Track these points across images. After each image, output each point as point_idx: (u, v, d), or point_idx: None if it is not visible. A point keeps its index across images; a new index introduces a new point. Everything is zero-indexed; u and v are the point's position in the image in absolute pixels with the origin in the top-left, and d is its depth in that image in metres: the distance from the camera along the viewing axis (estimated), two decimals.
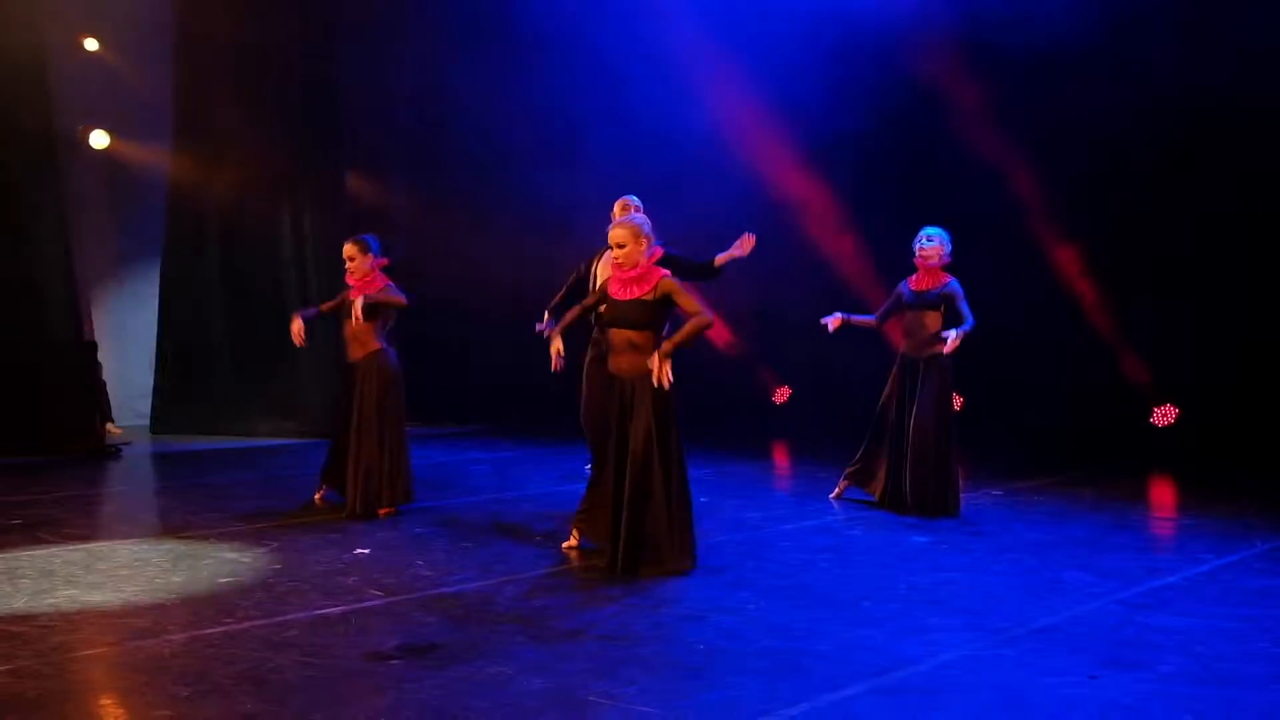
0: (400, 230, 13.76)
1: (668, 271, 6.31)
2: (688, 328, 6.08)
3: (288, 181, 12.34)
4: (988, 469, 9.64)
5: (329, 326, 7.96)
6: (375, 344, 7.87)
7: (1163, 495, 9.64)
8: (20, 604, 5.57)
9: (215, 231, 12.41)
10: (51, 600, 5.64)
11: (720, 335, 13.47)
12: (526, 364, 13.89)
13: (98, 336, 11.94)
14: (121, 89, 12.85)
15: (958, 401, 8.20)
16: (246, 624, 5.26)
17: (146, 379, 13.08)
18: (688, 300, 6.15)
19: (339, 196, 12.98)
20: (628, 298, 6.22)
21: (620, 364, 6.24)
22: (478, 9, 13.78)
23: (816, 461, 10.58)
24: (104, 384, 11.80)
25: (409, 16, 13.91)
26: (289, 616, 5.38)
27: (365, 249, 7.89)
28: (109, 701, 4.48)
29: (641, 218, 6.46)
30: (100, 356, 11.81)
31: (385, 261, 7.97)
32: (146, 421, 12.84)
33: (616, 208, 8.23)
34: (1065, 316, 11.69)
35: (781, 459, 11.73)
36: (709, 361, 12.39)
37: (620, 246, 6.26)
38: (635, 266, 6.24)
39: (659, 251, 6.59)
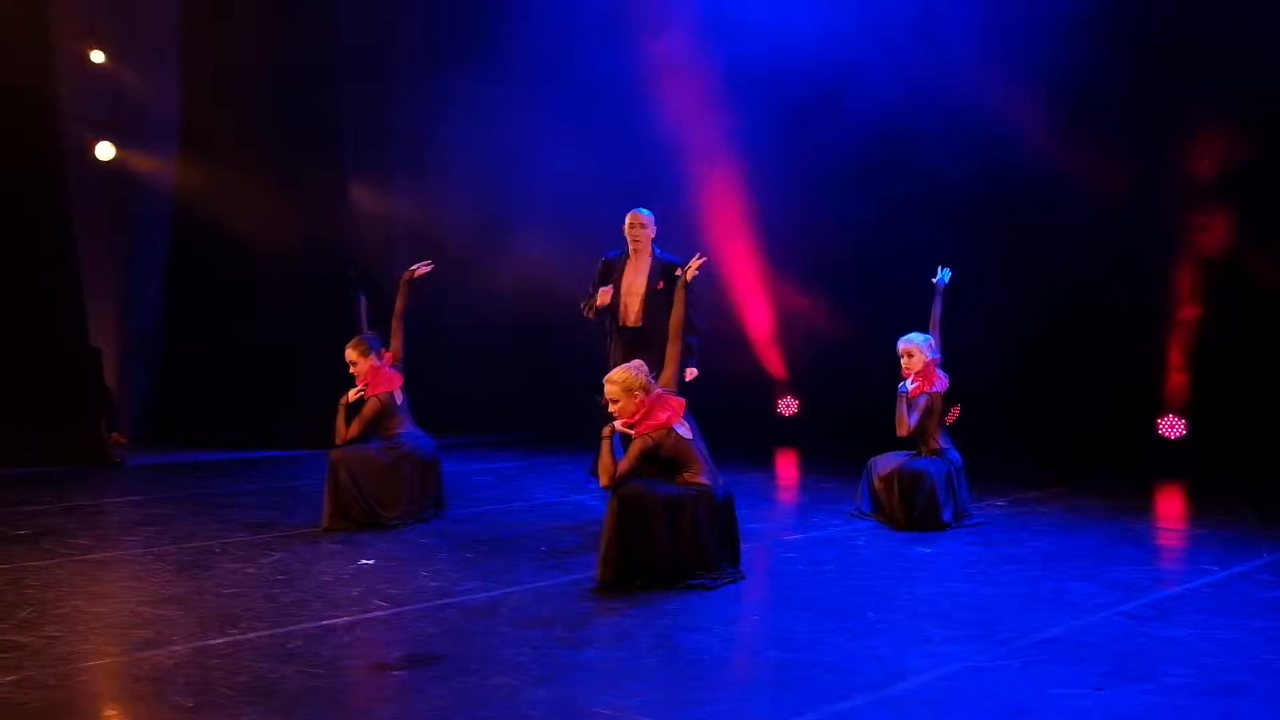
0: (402, 240, 13.80)
1: (661, 421, 6.16)
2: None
3: (292, 192, 12.35)
4: (992, 480, 9.62)
5: (331, 347, 8.06)
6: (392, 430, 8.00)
7: (1168, 506, 9.62)
8: (25, 614, 5.57)
9: (220, 242, 12.40)
10: (56, 610, 5.65)
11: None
12: (532, 373, 13.96)
13: (103, 346, 11.95)
14: (128, 101, 12.89)
15: (954, 412, 8.06)
16: (251, 635, 5.26)
17: (151, 388, 13.09)
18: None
19: (343, 207, 13.00)
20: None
21: None
22: (479, 19, 13.81)
23: (821, 474, 10.56)
24: (109, 393, 11.82)
25: (411, 27, 13.95)
26: (294, 627, 5.38)
27: (366, 351, 7.93)
28: (113, 712, 4.48)
29: (638, 366, 6.29)
30: (105, 366, 11.84)
31: (390, 357, 8.00)
32: (151, 431, 12.84)
33: (628, 220, 8.40)
34: (1072, 327, 11.63)
35: (786, 471, 11.72)
36: (716, 373, 12.35)
37: (614, 401, 6.22)
38: (633, 417, 6.18)
39: (657, 394, 6.25)
